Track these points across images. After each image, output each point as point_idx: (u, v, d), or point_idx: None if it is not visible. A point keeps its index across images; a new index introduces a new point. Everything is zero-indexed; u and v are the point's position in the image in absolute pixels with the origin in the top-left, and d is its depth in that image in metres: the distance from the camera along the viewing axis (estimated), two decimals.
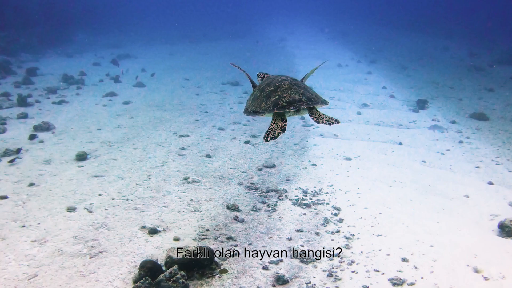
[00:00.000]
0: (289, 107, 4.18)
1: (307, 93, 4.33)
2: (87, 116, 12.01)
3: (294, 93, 4.26)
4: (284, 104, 4.20)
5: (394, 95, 15.73)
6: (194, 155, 9.13)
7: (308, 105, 4.23)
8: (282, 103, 4.20)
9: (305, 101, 4.23)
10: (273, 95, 4.31)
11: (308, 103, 4.23)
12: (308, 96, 4.29)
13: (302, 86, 4.42)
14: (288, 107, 4.18)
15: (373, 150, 9.85)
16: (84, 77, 17.79)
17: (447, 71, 21.21)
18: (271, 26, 48.13)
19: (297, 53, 27.82)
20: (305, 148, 9.82)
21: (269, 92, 4.36)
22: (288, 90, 4.30)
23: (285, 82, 4.40)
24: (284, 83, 4.38)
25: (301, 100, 4.21)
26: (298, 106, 4.18)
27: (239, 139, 10.33)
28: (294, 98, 4.22)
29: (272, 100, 4.27)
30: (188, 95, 15.17)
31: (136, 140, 10.06)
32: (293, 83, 4.41)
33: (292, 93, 4.26)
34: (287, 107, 4.18)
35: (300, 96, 4.24)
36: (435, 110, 13.93)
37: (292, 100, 4.20)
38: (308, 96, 4.28)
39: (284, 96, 4.24)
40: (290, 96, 4.24)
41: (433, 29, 38.23)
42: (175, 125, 11.33)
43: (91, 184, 7.49)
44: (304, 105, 4.20)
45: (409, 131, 11.55)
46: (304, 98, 4.24)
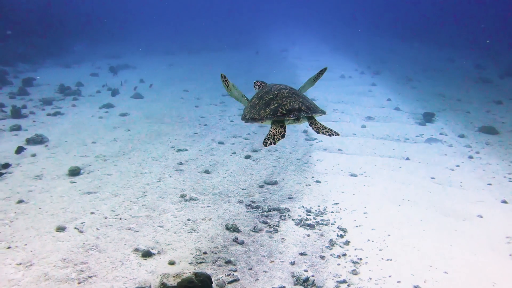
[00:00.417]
0: (289, 115, 4.18)
1: (306, 102, 4.35)
2: (82, 129, 11.62)
3: (294, 102, 4.28)
4: (284, 112, 4.20)
5: (400, 108, 15.34)
6: (192, 170, 8.73)
7: (308, 113, 4.23)
8: (282, 110, 4.21)
9: (305, 110, 4.23)
10: (272, 103, 4.33)
11: (307, 112, 4.23)
12: (307, 105, 4.30)
13: (301, 95, 4.46)
14: (288, 115, 4.18)
15: (380, 165, 9.44)
16: (81, 88, 17.44)
17: (453, 83, 20.83)
18: (273, 36, 47.92)
19: (299, 64, 27.48)
20: (308, 163, 9.41)
21: (268, 100, 4.38)
22: (287, 99, 4.31)
23: (284, 90, 4.43)
24: (283, 92, 4.41)
25: (300, 109, 4.22)
26: (298, 114, 4.19)
27: (239, 153, 9.92)
28: (293, 106, 4.23)
29: (271, 107, 4.28)
30: (187, 107, 14.79)
31: (132, 154, 9.66)
32: (292, 91, 4.44)
33: (292, 102, 4.28)
34: (287, 115, 4.19)
35: (299, 104, 4.26)
36: (442, 123, 13.53)
37: (292, 108, 4.22)
38: (307, 105, 4.30)
39: (283, 104, 4.26)
40: (290, 104, 4.25)
41: (437, 40, 37.97)
42: (173, 139, 10.94)
43: (83, 202, 7.08)
44: (304, 114, 4.21)
45: (416, 146, 11.14)
46: (303, 106, 4.26)
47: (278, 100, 4.31)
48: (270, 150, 10.20)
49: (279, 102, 4.30)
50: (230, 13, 64.58)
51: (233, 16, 61.60)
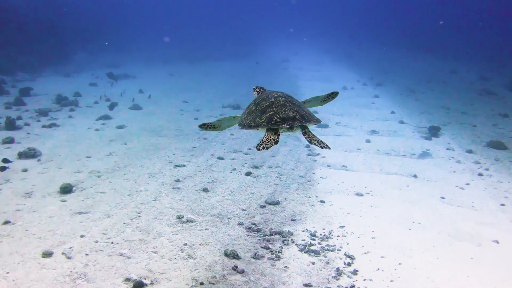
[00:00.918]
0: (283, 124, 4.20)
1: (301, 111, 4.36)
2: (77, 142, 11.22)
3: (289, 110, 4.30)
4: (278, 120, 4.23)
5: (404, 121, 14.94)
6: (190, 188, 8.30)
7: (302, 123, 4.25)
8: (276, 119, 4.24)
9: (299, 119, 4.25)
10: (267, 110, 4.36)
11: (301, 121, 4.25)
12: (302, 114, 4.31)
13: (297, 104, 4.49)
14: (281, 124, 4.21)
15: (386, 184, 9.01)
16: (78, 98, 17.05)
17: (457, 95, 20.46)
18: (274, 46, 47.66)
19: (300, 74, 27.12)
20: (311, 181, 8.99)
21: (264, 107, 4.42)
22: (283, 107, 4.34)
23: (280, 98, 4.45)
24: (279, 100, 4.43)
25: (294, 118, 4.24)
26: (292, 123, 4.20)
27: (239, 170, 9.50)
28: (288, 115, 4.26)
29: (266, 115, 4.31)
30: (187, 119, 14.39)
31: (128, 170, 9.24)
32: (288, 99, 4.47)
33: (287, 110, 4.30)
34: (281, 123, 4.21)
35: (294, 113, 4.27)
36: (449, 137, 13.12)
37: (286, 117, 4.23)
38: (301, 114, 4.31)
39: (278, 112, 4.28)
40: (285, 112, 4.28)
41: (439, 50, 37.67)
42: (171, 153, 10.52)
43: (73, 223, 6.66)
44: (298, 123, 4.22)
45: (423, 162, 10.72)
46: (298, 115, 4.27)
47: (274, 108, 4.34)
48: (272, 166, 9.79)
49: (275, 110, 4.32)
50: (231, 23, 64.41)
51: (234, 26, 61.40)
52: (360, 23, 61.43)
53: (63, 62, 28.84)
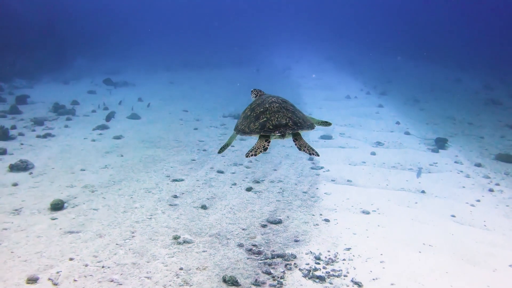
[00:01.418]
0: (275, 131, 4.26)
1: (294, 117, 4.40)
2: (72, 153, 10.82)
3: (282, 117, 4.34)
4: (271, 127, 4.27)
5: (410, 132, 14.55)
6: (187, 205, 7.89)
7: (294, 130, 4.31)
8: (269, 126, 4.28)
9: (291, 126, 4.30)
10: (261, 116, 4.39)
11: (294, 128, 4.30)
12: (295, 121, 4.36)
13: (291, 110, 4.51)
14: (273, 131, 4.26)
15: (393, 200, 8.61)
16: (76, 107, 16.69)
17: (462, 105, 20.09)
18: (275, 53, 47.36)
19: (302, 83, 26.77)
20: (315, 197, 8.58)
21: (258, 113, 4.45)
22: (276, 113, 4.38)
23: (274, 104, 4.48)
24: (273, 106, 4.46)
25: (287, 125, 4.28)
26: (283, 131, 4.27)
27: (240, 185, 9.10)
28: (280, 122, 4.30)
29: (260, 121, 4.35)
30: (186, 129, 14.00)
31: (123, 184, 8.83)
32: (282, 105, 4.49)
33: (280, 117, 4.34)
34: (273, 130, 4.26)
35: (286, 120, 4.32)
36: (456, 150, 12.73)
37: (278, 124, 4.28)
38: (294, 121, 4.36)
39: (271, 119, 4.32)
40: (277, 120, 4.32)
41: (443, 59, 37.30)
42: (169, 166, 10.12)
43: (62, 244, 6.25)
44: (290, 130, 4.28)
45: (431, 176, 10.32)
46: (290, 122, 4.32)
47: (267, 115, 4.38)
48: (274, 181, 9.39)
49: (268, 116, 4.36)
50: (233, 29, 64.19)
51: (236, 32, 61.18)
52: (363, 30, 61.12)
53: (63, 68, 28.54)
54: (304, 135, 12.48)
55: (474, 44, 44.05)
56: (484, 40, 44.73)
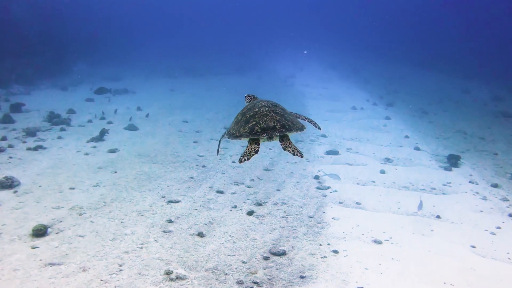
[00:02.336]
0: (262, 134, 4.39)
1: (283, 120, 4.53)
2: (63, 169, 10.16)
3: (270, 120, 4.47)
4: (259, 130, 4.42)
5: (420, 147, 13.87)
6: (183, 232, 7.21)
7: (282, 132, 4.43)
8: (257, 129, 4.42)
9: (279, 128, 4.43)
10: (251, 120, 4.53)
11: (281, 131, 4.43)
12: (283, 124, 4.49)
13: (280, 113, 4.62)
14: (261, 134, 4.40)
15: (407, 227, 7.92)
16: (72, 116, 16.06)
17: (472, 118, 19.39)
18: (279, 60, 46.82)
19: (306, 92, 26.13)
20: (322, 222, 7.90)
21: (248, 118, 4.59)
22: (264, 117, 4.51)
23: (264, 108, 4.60)
24: (262, 109, 4.59)
25: (274, 127, 4.42)
26: (271, 133, 4.40)
27: (240, 207, 8.41)
28: (268, 125, 4.44)
29: (249, 125, 4.48)
30: (185, 142, 13.32)
31: (115, 205, 8.16)
32: (272, 109, 4.61)
33: (268, 120, 4.47)
34: (261, 133, 4.40)
35: (274, 123, 4.45)
36: (470, 168, 12.05)
37: (266, 127, 4.42)
38: (282, 124, 4.48)
39: (260, 123, 4.46)
40: (265, 123, 4.45)
41: (449, 68, 36.69)
42: (165, 185, 9.44)
43: (41, 279, 5.58)
44: (277, 132, 4.41)
45: (446, 198, 9.63)
46: (278, 125, 4.45)
47: (256, 118, 4.51)
48: (277, 203, 8.71)
49: (257, 120, 4.49)
50: (236, 36, 63.73)
51: (238, 39, 60.70)
52: (368, 38, 60.56)
53: (62, 74, 27.98)
54: (310, 150, 11.76)
55: (480, 53, 43.42)
56: (491, 49, 44.07)
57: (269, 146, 13.08)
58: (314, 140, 14.30)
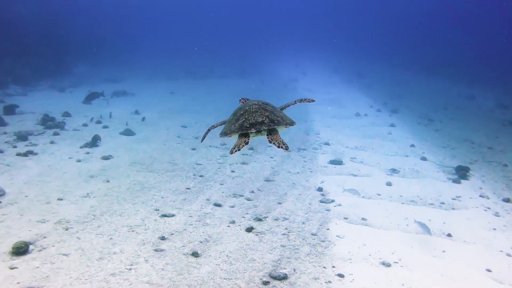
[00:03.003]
0: (251, 129, 4.52)
1: (272, 116, 4.66)
2: (52, 177, 9.64)
3: (258, 116, 4.61)
4: (248, 125, 4.55)
5: (426, 157, 13.33)
6: (176, 251, 6.68)
7: (269, 126, 4.55)
8: (246, 124, 4.56)
9: (267, 123, 4.56)
10: (241, 118, 4.69)
11: (269, 125, 4.55)
12: (272, 119, 4.62)
13: (270, 110, 4.76)
14: (250, 128, 4.52)
15: (417, 247, 7.39)
16: (67, 119, 15.56)
17: (479, 126, 18.84)
18: (281, 63, 46.33)
19: (310, 97, 25.59)
20: (326, 241, 7.36)
21: (238, 116, 4.76)
22: (254, 113, 4.66)
23: (253, 106, 4.77)
24: (252, 107, 4.75)
25: (263, 122, 4.55)
26: (259, 127, 4.51)
27: (239, 223, 7.88)
28: (257, 120, 4.57)
29: (239, 122, 4.63)
30: (183, 149, 12.81)
31: (104, 219, 7.64)
32: (262, 107, 4.76)
33: (256, 116, 4.61)
34: (250, 128, 4.53)
35: (263, 118, 4.59)
36: (479, 180, 11.52)
37: (255, 122, 4.55)
38: (271, 119, 4.62)
39: (249, 119, 4.60)
40: (254, 118, 4.59)
41: (453, 73, 36.17)
42: (159, 196, 8.92)
43: None
44: (265, 126, 4.53)
45: (456, 214, 9.09)
46: (267, 120, 4.58)
47: (246, 115, 4.66)
48: (278, 218, 8.17)
49: (246, 117, 4.64)
50: (238, 38, 63.31)
51: (241, 42, 60.26)
52: (371, 42, 60.06)
53: (61, 75, 27.52)
54: (313, 159, 11.17)
55: (485, 59, 42.89)
56: (495, 55, 43.53)
57: (270, 155, 12.56)
58: (317, 148, 13.77)
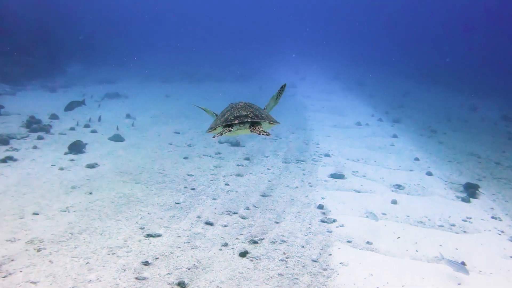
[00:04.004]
0: (235, 120, 4.89)
1: (256, 112, 5.07)
2: (30, 187, 8.86)
3: (243, 111, 5.03)
4: (232, 118, 4.95)
5: (432, 172, 12.62)
6: (160, 279, 5.90)
7: (252, 119, 4.90)
8: (231, 117, 4.97)
9: (251, 117, 4.92)
10: (227, 114, 5.10)
11: (253, 118, 4.91)
12: (256, 114, 5.02)
13: (255, 108, 5.20)
14: (234, 120, 4.89)
15: (429, 278, 6.65)
16: (54, 122, 14.79)
17: (484, 139, 18.17)
18: (280, 68, 45.68)
19: (308, 104, 24.91)
20: (328, 269, 6.60)
21: (225, 112, 5.19)
22: (239, 109, 5.07)
23: (240, 104, 5.23)
24: (238, 105, 5.21)
25: (247, 115, 4.93)
26: (242, 119, 4.88)
27: (232, 245, 7.11)
28: (241, 113, 4.97)
29: (225, 117, 5.04)
30: (174, 157, 12.05)
31: (83, 238, 6.86)
32: (247, 104, 5.21)
33: (241, 110, 5.04)
34: (234, 120, 4.90)
35: (247, 112, 4.98)
36: (490, 199, 10.82)
37: (239, 115, 4.95)
38: (256, 114, 5.01)
39: (234, 113, 5.02)
40: (239, 112, 5.01)
41: (455, 83, 35.59)
42: (146, 212, 8.15)
43: None
44: (248, 119, 4.88)
45: (468, 239, 8.36)
46: (251, 114, 4.96)
47: (231, 111, 5.08)
48: (275, 241, 7.41)
49: (231, 112, 5.07)
50: (237, 42, 62.67)
51: (240, 45, 59.60)
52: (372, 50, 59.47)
53: (54, 74, 26.72)
54: (312, 172, 10.34)
55: (487, 69, 42.36)
56: (498, 66, 42.99)
57: (267, 166, 11.82)
58: (316, 160, 13.04)
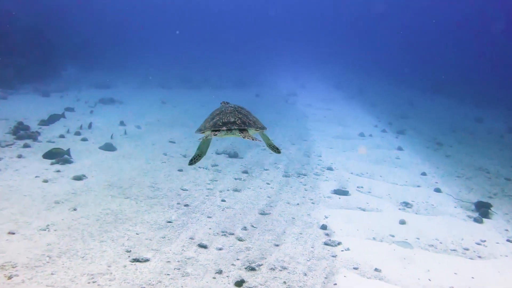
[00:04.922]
0: (223, 127, 4.91)
1: (244, 118, 5.08)
2: (9, 201, 8.15)
3: (232, 117, 5.02)
4: (220, 124, 4.96)
5: (440, 188, 11.95)
6: None
7: (240, 127, 4.94)
8: (219, 123, 4.97)
9: (239, 124, 4.95)
10: (216, 117, 5.09)
11: (241, 126, 4.95)
12: (244, 121, 5.03)
13: (244, 113, 5.19)
14: (222, 127, 4.91)
15: None
16: (43, 129, 14.09)
17: (491, 152, 17.53)
18: (279, 74, 45.11)
19: (309, 113, 24.26)
20: None
21: (214, 115, 5.18)
22: (228, 114, 5.07)
23: (229, 108, 5.22)
24: (228, 109, 5.19)
25: (234, 122, 4.95)
26: (230, 126, 4.91)
27: (227, 273, 6.40)
28: (229, 120, 4.98)
29: (214, 121, 5.04)
30: (168, 170, 11.35)
31: (61, 263, 6.15)
32: (237, 109, 5.21)
33: (229, 116, 5.03)
34: (222, 126, 4.92)
35: (235, 119, 4.99)
36: (503, 219, 10.16)
37: (227, 121, 4.96)
38: (243, 121, 5.03)
39: (222, 118, 5.01)
40: (227, 118, 5.01)
41: (459, 93, 35.02)
42: (134, 232, 7.44)
43: None
44: (236, 126, 4.92)
45: (484, 265, 7.67)
46: (239, 121, 4.98)
47: (221, 115, 5.07)
48: (275, 267, 6.71)
49: (220, 116, 5.06)
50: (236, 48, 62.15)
51: (239, 51, 59.07)
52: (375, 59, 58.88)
53: (48, 77, 25.98)
54: (315, 188, 9.60)
55: (491, 79, 41.81)
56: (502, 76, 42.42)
57: (266, 180, 11.14)
58: (319, 173, 12.35)
